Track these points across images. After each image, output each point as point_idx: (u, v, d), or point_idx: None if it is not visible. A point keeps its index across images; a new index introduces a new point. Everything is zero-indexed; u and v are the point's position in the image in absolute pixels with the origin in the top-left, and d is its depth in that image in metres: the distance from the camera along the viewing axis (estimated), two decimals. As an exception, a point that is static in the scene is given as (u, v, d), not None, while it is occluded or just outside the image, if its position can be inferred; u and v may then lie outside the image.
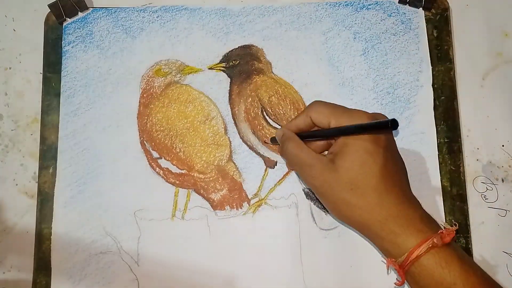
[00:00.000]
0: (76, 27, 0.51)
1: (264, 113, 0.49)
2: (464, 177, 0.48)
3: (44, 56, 0.51)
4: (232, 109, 0.49)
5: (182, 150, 0.48)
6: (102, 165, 0.48)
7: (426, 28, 0.51)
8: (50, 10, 0.51)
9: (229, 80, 0.50)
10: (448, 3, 0.52)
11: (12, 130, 0.50)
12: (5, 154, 0.50)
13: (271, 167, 0.48)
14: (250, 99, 0.49)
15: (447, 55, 0.50)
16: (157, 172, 0.48)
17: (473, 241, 0.47)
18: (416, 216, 0.39)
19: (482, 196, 0.48)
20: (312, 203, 0.47)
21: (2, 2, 0.53)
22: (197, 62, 0.50)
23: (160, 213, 0.47)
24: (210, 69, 0.50)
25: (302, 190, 0.48)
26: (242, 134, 0.49)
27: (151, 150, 0.48)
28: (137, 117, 0.49)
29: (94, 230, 0.47)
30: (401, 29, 0.51)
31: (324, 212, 0.47)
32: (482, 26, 0.52)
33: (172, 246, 0.47)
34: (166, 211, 0.47)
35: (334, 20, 0.51)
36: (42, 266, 0.46)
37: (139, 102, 0.50)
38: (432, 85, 0.50)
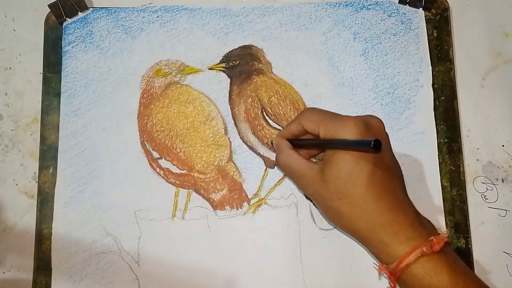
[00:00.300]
0: (76, 27, 0.51)
1: (264, 113, 0.49)
2: (464, 177, 0.48)
3: (44, 56, 0.51)
4: (232, 109, 0.49)
5: (182, 150, 0.48)
6: (103, 165, 0.48)
7: (426, 28, 0.51)
8: (50, 10, 0.51)
9: (229, 80, 0.50)
10: (448, 3, 0.52)
11: (12, 130, 0.50)
12: (5, 154, 0.50)
13: (271, 167, 0.48)
14: (250, 100, 0.49)
15: (447, 55, 0.51)
16: (157, 172, 0.48)
17: (473, 241, 0.47)
18: (406, 223, 0.38)
19: (482, 196, 0.48)
20: (312, 203, 0.47)
21: (2, 2, 0.53)
22: (197, 62, 0.50)
23: (160, 213, 0.47)
24: (210, 69, 0.50)
25: (302, 190, 0.48)
26: (242, 135, 0.49)
27: (152, 150, 0.48)
28: (137, 117, 0.49)
29: (94, 230, 0.47)
30: (401, 29, 0.51)
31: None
32: (482, 26, 0.52)
33: (172, 246, 0.47)
34: (167, 211, 0.47)
35: (334, 20, 0.51)
36: (42, 266, 0.46)
37: (139, 103, 0.50)
38: (432, 85, 0.50)
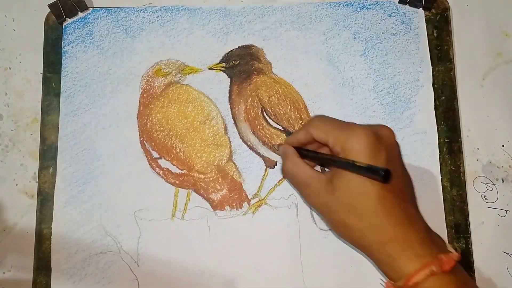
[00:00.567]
0: (76, 27, 0.51)
1: (264, 113, 0.49)
2: (464, 177, 0.48)
3: (44, 56, 0.51)
4: (232, 109, 0.49)
5: (182, 150, 0.48)
6: (102, 165, 0.48)
7: (426, 28, 0.51)
8: (50, 10, 0.51)
9: (229, 80, 0.50)
10: (448, 3, 0.52)
11: (12, 130, 0.50)
12: (5, 154, 0.50)
13: (271, 167, 0.48)
14: (250, 99, 0.49)
15: (447, 55, 0.50)
16: (157, 172, 0.48)
17: (473, 241, 0.47)
18: (416, 239, 0.37)
19: (482, 196, 0.48)
20: (312, 203, 0.47)
21: (2, 2, 0.53)
22: (197, 62, 0.50)
23: (160, 213, 0.47)
24: (210, 69, 0.50)
25: (302, 190, 0.48)
26: (242, 134, 0.49)
27: (151, 150, 0.48)
28: (137, 117, 0.49)
29: (94, 230, 0.47)
30: (401, 29, 0.51)
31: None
32: (482, 26, 0.52)
33: (172, 246, 0.47)
34: (166, 211, 0.47)
35: (334, 20, 0.51)
36: (42, 266, 0.46)
37: (139, 102, 0.50)
38: (432, 85, 0.50)
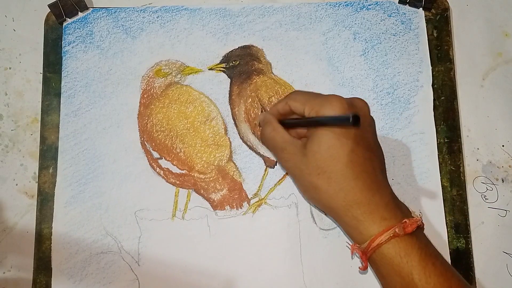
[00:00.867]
0: (76, 27, 0.51)
1: (264, 113, 0.49)
2: (464, 177, 0.48)
3: (44, 56, 0.51)
4: (232, 109, 0.49)
5: (182, 150, 0.48)
6: (103, 165, 0.48)
7: (426, 28, 0.51)
8: (50, 10, 0.51)
9: (229, 80, 0.50)
10: (448, 3, 0.52)
11: (12, 130, 0.50)
12: (5, 154, 0.50)
13: (271, 167, 0.48)
14: (250, 100, 0.49)
15: (447, 55, 0.51)
16: (157, 172, 0.48)
17: (473, 241, 0.47)
18: (382, 203, 0.39)
19: (482, 196, 0.48)
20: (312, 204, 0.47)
21: (2, 2, 0.53)
22: (197, 62, 0.50)
23: (160, 213, 0.47)
24: (210, 69, 0.50)
25: (302, 190, 0.48)
26: (242, 135, 0.49)
27: (152, 151, 0.48)
28: (137, 117, 0.49)
29: (94, 230, 0.47)
30: (401, 29, 0.51)
31: (323, 212, 0.47)
32: (482, 26, 0.52)
33: (172, 246, 0.47)
34: (167, 211, 0.47)
35: (334, 20, 0.51)
36: (42, 266, 0.46)
37: (140, 103, 0.50)
38: (432, 85, 0.50)
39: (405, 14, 0.51)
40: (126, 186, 0.48)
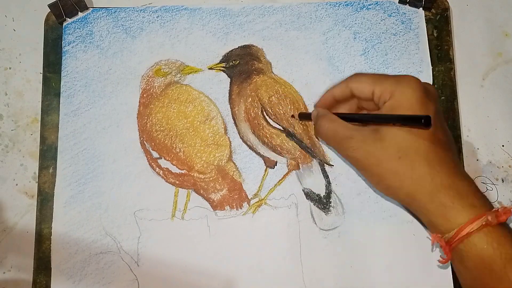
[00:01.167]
0: (76, 27, 0.51)
1: (264, 113, 0.49)
2: (464, 177, 0.48)
3: (44, 56, 0.51)
4: (232, 109, 0.49)
5: (182, 150, 0.48)
6: (102, 165, 0.48)
7: (426, 28, 0.51)
8: (50, 10, 0.51)
9: (229, 80, 0.50)
10: (448, 3, 0.52)
11: (12, 130, 0.50)
12: (5, 154, 0.50)
13: (271, 167, 0.48)
14: (250, 99, 0.49)
15: (447, 55, 0.50)
16: (157, 172, 0.48)
17: (473, 241, 0.47)
18: (470, 189, 0.36)
19: (482, 196, 0.48)
20: (312, 204, 0.47)
21: (2, 2, 0.53)
22: (197, 62, 0.50)
23: (160, 213, 0.47)
24: (210, 69, 0.50)
25: (302, 190, 0.48)
26: (242, 134, 0.49)
27: (151, 150, 0.48)
28: (137, 117, 0.49)
29: (94, 230, 0.47)
30: (401, 29, 0.51)
31: (324, 212, 0.47)
32: (482, 26, 0.52)
33: (172, 246, 0.47)
34: (166, 211, 0.47)
35: (334, 20, 0.51)
36: (42, 266, 0.46)
37: (139, 102, 0.50)
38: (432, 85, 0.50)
39: (405, 14, 0.51)
40: (125, 186, 0.48)
